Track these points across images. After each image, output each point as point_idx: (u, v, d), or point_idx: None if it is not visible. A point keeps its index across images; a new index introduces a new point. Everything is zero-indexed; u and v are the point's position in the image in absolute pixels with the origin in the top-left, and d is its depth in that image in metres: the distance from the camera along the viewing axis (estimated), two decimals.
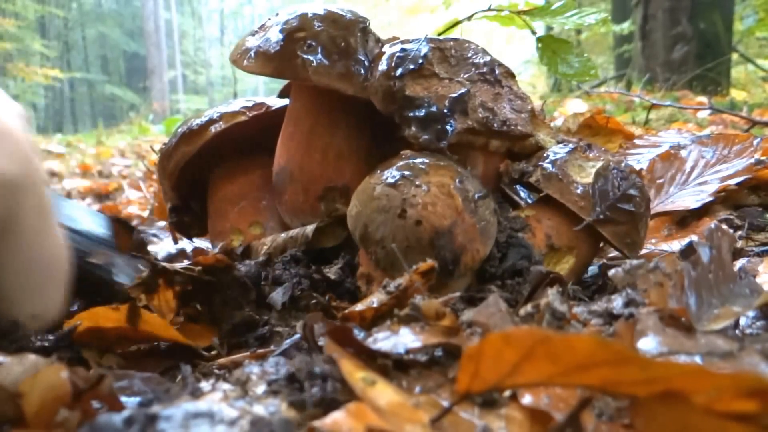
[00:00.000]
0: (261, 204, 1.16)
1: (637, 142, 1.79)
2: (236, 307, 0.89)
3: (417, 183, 0.81)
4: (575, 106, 4.56)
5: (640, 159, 1.58)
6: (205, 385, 0.55)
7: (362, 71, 1.00)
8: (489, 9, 1.56)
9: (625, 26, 7.40)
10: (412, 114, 0.92)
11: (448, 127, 0.91)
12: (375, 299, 0.71)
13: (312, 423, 0.43)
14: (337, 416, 0.43)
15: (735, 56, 6.95)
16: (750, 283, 0.71)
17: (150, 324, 0.78)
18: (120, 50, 31.30)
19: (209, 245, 1.30)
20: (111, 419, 0.38)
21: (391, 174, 0.83)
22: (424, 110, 0.91)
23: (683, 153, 1.43)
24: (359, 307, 0.70)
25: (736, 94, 6.25)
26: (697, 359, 0.52)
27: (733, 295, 0.68)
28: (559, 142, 1.02)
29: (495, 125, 0.93)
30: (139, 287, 0.88)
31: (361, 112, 1.06)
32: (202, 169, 1.24)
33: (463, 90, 0.94)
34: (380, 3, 19.44)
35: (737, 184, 1.30)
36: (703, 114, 3.84)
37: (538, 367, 0.40)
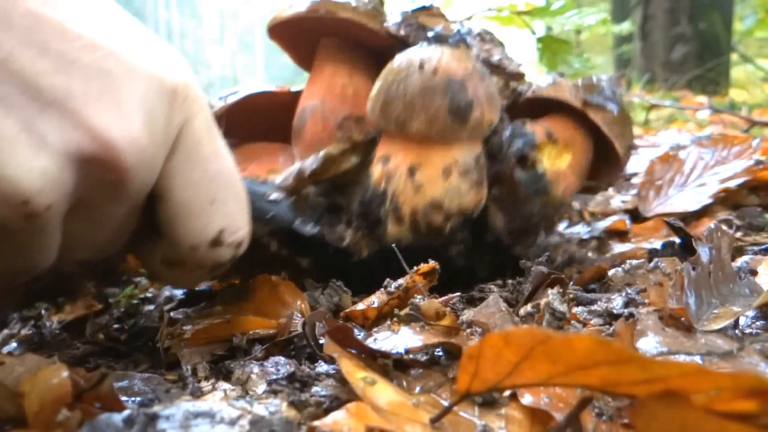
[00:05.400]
0: (279, 158, 1.21)
1: (636, 142, 1.79)
2: None
3: (433, 51, 0.91)
4: None
5: (639, 159, 1.59)
6: (205, 384, 0.55)
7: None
8: (489, 9, 1.56)
9: (625, 26, 7.39)
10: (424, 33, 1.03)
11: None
12: (375, 299, 0.71)
13: (312, 423, 0.43)
14: (337, 416, 0.43)
15: (734, 56, 6.94)
16: (750, 283, 0.71)
17: None
18: None
19: None
20: (111, 419, 0.38)
21: (410, 52, 0.93)
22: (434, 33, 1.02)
23: (682, 154, 1.43)
24: (360, 306, 0.70)
25: (736, 95, 6.25)
26: (697, 359, 0.53)
27: (732, 295, 0.68)
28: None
29: (492, 61, 1.03)
30: None
31: (374, 60, 1.16)
32: None
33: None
34: None
35: (736, 186, 1.30)
36: (703, 114, 3.83)
37: (538, 367, 0.40)
